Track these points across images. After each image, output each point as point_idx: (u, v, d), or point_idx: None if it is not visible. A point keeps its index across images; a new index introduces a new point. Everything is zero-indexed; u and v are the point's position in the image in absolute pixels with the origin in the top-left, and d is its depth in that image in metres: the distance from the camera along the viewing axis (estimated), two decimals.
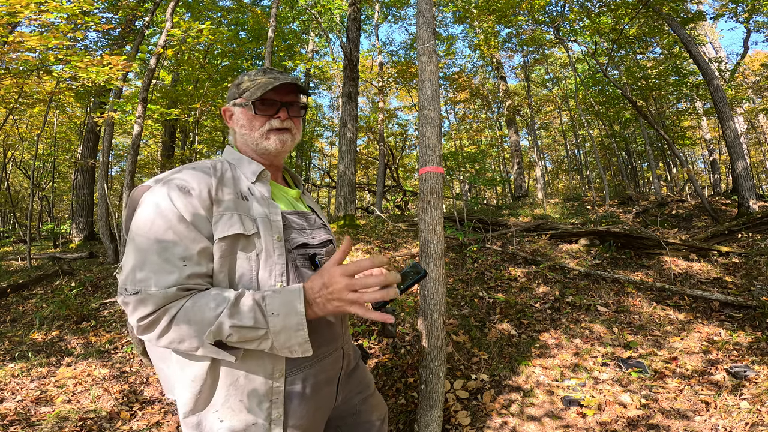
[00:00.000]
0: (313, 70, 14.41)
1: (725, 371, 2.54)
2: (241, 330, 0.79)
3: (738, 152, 7.29)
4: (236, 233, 0.87)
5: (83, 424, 2.34)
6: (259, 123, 1.03)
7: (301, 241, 1.00)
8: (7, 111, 7.11)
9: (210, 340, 0.79)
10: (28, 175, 13.32)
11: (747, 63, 15.09)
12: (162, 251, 0.81)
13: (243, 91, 1.04)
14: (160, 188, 0.86)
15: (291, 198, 1.11)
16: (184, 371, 0.88)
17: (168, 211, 0.83)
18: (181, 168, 0.93)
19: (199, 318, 0.79)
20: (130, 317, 0.81)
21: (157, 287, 0.78)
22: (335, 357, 1.06)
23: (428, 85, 2.26)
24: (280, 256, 0.93)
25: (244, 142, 1.06)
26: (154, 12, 5.02)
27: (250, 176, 1.00)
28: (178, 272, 0.80)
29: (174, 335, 0.80)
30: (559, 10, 9.34)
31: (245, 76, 1.06)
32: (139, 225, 0.83)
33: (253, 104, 1.01)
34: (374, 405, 1.26)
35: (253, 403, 0.88)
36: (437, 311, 2.04)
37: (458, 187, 23.14)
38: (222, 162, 1.00)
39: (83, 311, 4.16)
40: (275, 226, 0.94)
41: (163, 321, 0.79)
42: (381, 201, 11.02)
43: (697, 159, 24.10)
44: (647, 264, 4.75)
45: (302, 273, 0.97)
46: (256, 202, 0.95)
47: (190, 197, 0.85)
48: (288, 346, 0.82)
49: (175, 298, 0.80)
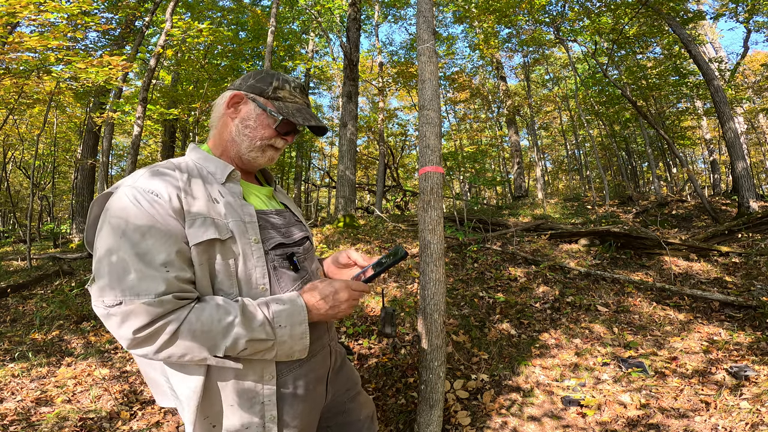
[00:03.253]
0: (313, 70, 14.41)
1: (725, 371, 2.54)
2: (254, 343, 0.81)
3: (738, 152, 7.29)
4: (211, 238, 0.83)
5: (83, 424, 2.34)
6: (268, 135, 0.98)
7: (278, 240, 0.97)
8: (7, 111, 7.11)
9: (221, 354, 0.79)
10: (28, 175, 13.33)
11: (747, 63, 15.09)
12: (142, 257, 0.76)
13: (276, 96, 0.98)
14: (126, 193, 0.81)
15: (263, 196, 1.06)
16: (183, 383, 0.85)
17: (139, 216, 0.78)
18: (144, 170, 0.87)
19: (207, 331, 0.77)
20: (118, 330, 0.75)
21: (148, 295, 0.74)
22: (323, 355, 1.06)
23: (428, 85, 2.26)
24: (259, 258, 0.89)
25: (233, 139, 0.99)
26: (154, 12, 5.02)
27: (220, 177, 0.94)
28: (164, 278, 0.76)
29: (176, 349, 0.77)
30: (559, 10, 9.34)
31: (284, 82, 1.00)
32: (110, 232, 0.77)
33: (280, 120, 0.97)
34: (362, 403, 1.26)
35: (245, 406, 0.87)
36: (437, 311, 2.04)
37: (458, 187, 23.14)
38: (186, 162, 0.94)
39: (83, 311, 4.16)
40: (251, 228, 0.90)
41: (165, 334, 0.75)
42: (381, 201, 11.01)
43: (697, 159, 24.10)
44: (647, 264, 4.75)
45: (281, 274, 0.95)
46: (228, 205, 0.90)
47: (158, 200, 0.81)
48: (290, 353, 0.86)
49: (174, 307, 0.76)
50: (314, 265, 1.10)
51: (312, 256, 1.11)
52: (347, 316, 0.95)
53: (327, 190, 20.21)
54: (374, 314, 3.53)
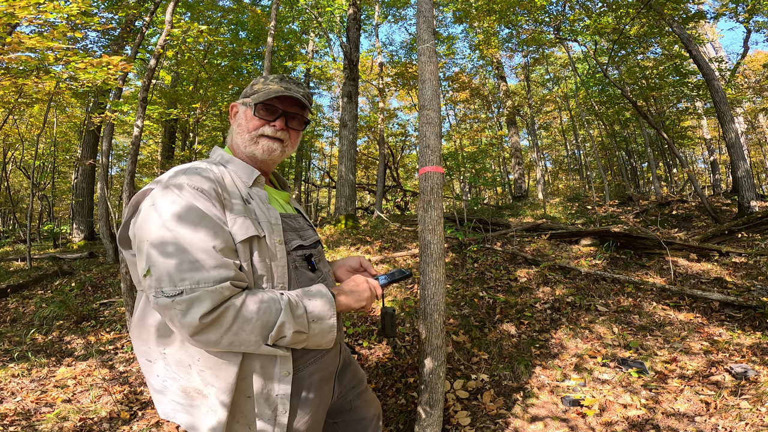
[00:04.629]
0: (313, 70, 14.40)
1: (726, 371, 2.54)
2: (295, 334, 0.85)
3: (738, 152, 7.29)
4: (253, 235, 0.88)
5: (83, 424, 2.33)
6: (254, 126, 1.03)
7: (299, 242, 1.03)
8: (7, 111, 7.11)
9: (270, 342, 0.83)
10: (28, 175, 13.32)
11: (747, 63, 15.08)
12: (198, 246, 0.79)
13: (254, 92, 1.05)
14: (172, 188, 0.84)
15: (282, 201, 1.12)
16: (218, 377, 0.85)
17: (189, 208, 0.81)
18: (181, 170, 0.90)
19: (262, 317, 0.81)
20: (183, 318, 0.76)
21: (207, 283, 0.77)
22: (335, 352, 1.09)
23: (428, 85, 2.25)
24: (282, 258, 0.95)
25: (236, 141, 1.05)
26: (154, 12, 5.01)
27: (247, 180, 0.99)
28: (221, 265, 0.79)
29: (234, 337, 0.79)
30: (560, 10, 9.33)
31: (262, 79, 1.06)
32: (161, 224, 0.80)
33: (255, 106, 1.02)
34: (368, 401, 1.28)
35: (260, 401, 0.89)
36: (437, 311, 2.04)
37: (458, 187, 23.14)
38: (216, 165, 0.99)
39: (83, 311, 4.16)
40: (276, 229, 0.96)
41: (227, 319, 0.78)
42: (381, 201, 11.01)
43: (697, 159, 24.11)
44: (647, 264, 4.75)
45: (301, 274, 1.00)
46: (257, 206, 0.96)
47: (204, 197, 0.85)
48: (319, 343, 0.92)
49: (231, 294, 0.79)
50: (327, 267, 1.16)
51: (324, 259, 1.17)
52: (363, 311, 1.01)
53: (327, 190, 20.22)
54: (374, 314, 3.53)
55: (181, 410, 0.89)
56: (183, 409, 0.89)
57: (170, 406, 0.91)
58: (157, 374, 0.91)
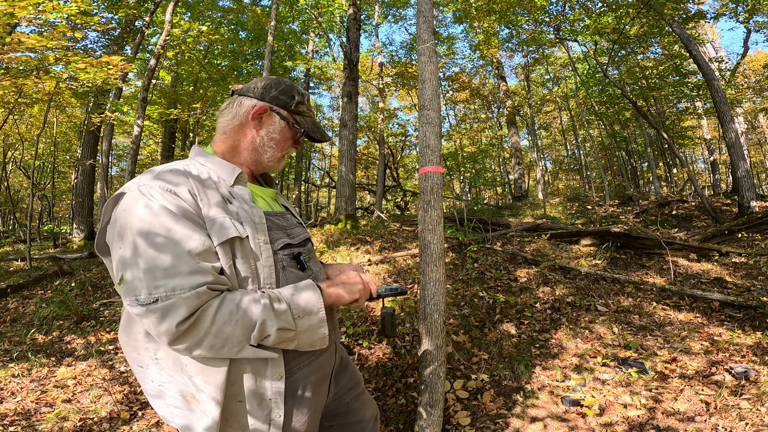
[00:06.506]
0: (313, 70, 14.40)
1: (726, 371, 2.54)
2: (279, 332, 0.83)
3: (738, 152, 7.29)
4: (233, 236, 0.85)
5: (83, 424, 2.33)
6: (287, 146, 1.06)
7: (286, 241, 1.00)
8: (7, 111, 7.11)
9: (254, 342, 0.81)
10: (28, 175, 13.33)
11: (747, 63, 15.09)
12: (172, 251, 0.76)
13: (297, 111, 1.06)
14: (144, 192, 0.81)
15: (268, 198, 1.09)
16: (207, 383, 0.84)
17: (162, 212, 0.78)
18: (152, 172, 0.88)
19: (244, 318, 0.79)
20: (159, 326, 0.75)
21: (183, 289, 0.74)
22: (329, 353, 1.07)
23: (428, 85, 2.25)
24: (268, 258, 0.91)
25: (254, 149, 1.03)
26: (154, 12, 5.01)
27: (228, 179, 0.96)
28: (197, 269, 0.77)
29: (214, 340, 0.77)
30: (560, 10, 9.33)
31: (303, 96, 1.08)
32: (134, 229, 0.77)
33: (302, 132, 1.06)
34: (366, 403, 1.26)
35: (253, 405, 0.87)
36: (437, 311, 2.04)
37: (458, 187, 23.14)
38: (194, 164, 0.95)
39: (83, 311, 4.16)
40: (260, 228, 0.92)
41: (205, 323, 0.76)
42: (381, 201, 11.01)
43: (697, 159, 24.11)
44: (647, 264, 4.75)
45: (289, 273, 0.97)
46: (239, 205, 0.92)
47: (177, 198, 0.82)
48: (310, 342, 0.89)
49: (209, 297, 0.77)
50: (318, 266, 1.12)
51: (314, 257, 1.14)
52: (356, 307, 0.99)
53: (327, 190, 20.22)
54: (374, 314, 3.53)
55: (179, 414, 0.88)
56: (180, 413, 0.88)
57: (167, 410, 0.89)
58: (152, 379, 0.89)
